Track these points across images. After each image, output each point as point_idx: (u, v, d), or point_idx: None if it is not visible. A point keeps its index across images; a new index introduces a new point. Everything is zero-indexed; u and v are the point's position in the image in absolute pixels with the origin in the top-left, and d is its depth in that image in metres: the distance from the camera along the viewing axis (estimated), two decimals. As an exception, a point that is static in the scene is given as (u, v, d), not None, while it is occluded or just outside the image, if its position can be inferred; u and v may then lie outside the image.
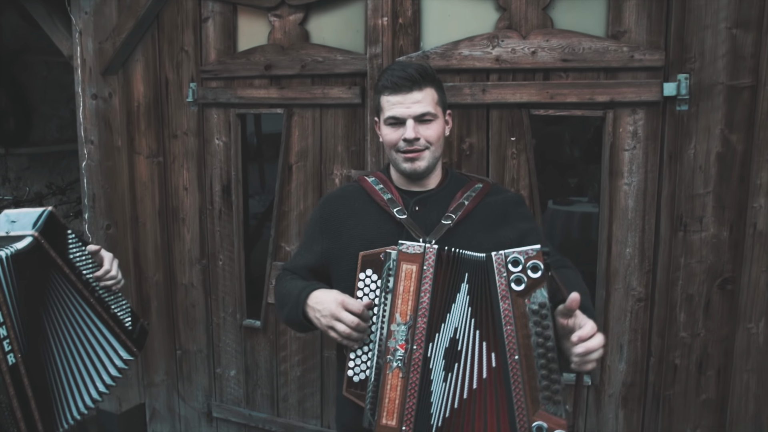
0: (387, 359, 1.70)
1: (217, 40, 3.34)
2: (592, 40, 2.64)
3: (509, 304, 1.64)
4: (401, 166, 1.99)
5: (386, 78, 1.97)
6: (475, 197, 2.02)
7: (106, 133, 3.58)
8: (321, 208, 2.13)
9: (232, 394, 3.62)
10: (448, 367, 1.70)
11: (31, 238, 1.92)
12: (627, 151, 2.68)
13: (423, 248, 1.70)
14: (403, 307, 1.69)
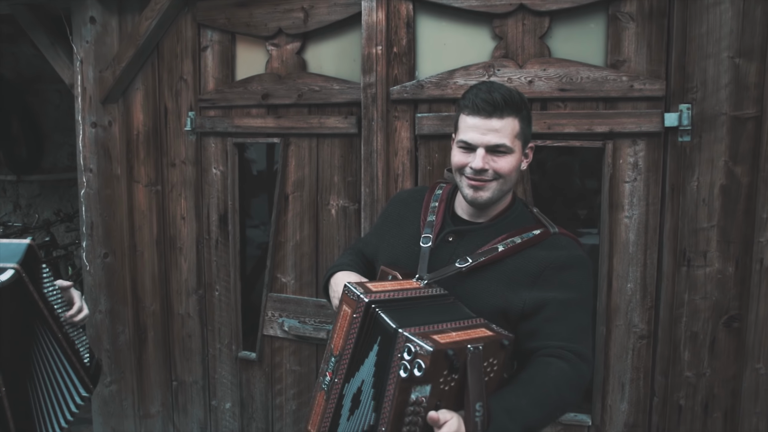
0: (320, 378, 1.76)
1: (216, 68, 3.33)
2: (590, 70, 2.58)
3: (394, 386, 1.54)
4: (464, 192, 1.85)
5: (469, 97, 1.82)
6: (516, 246, 1.82)
7: (105, 162, 3.56)
8: (389, 205, 2.21)
9: (227, 427, 3.55)
10: (352, 411, 1.68)
11: (13, 270, 1.89)
12: (627, 183, 2.60)
13: (358, 296, 1.69)
14: (337, 341, 1.73)
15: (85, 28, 3.46)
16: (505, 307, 1.78)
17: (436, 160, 2.77)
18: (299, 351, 3.27)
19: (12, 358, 1.87)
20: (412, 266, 1.87)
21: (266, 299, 3.29)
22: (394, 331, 1.58)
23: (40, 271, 2.02)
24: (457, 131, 1.88)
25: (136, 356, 3.70)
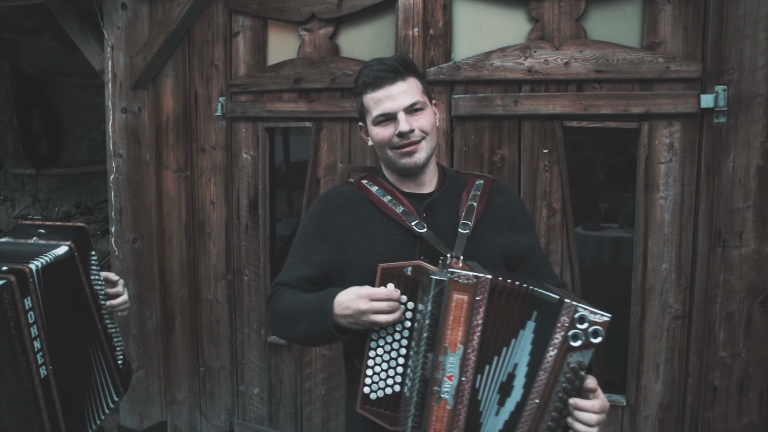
0: (433, 390, 1.61)
1: (247, 54, 3.35)
2: (626, 51, 2.60)
3: (555, 354, 1.59)
4: (399, 163, 1.88)
5: (365, 75, 1.87)
6: (480, 197, 1.93)
7: (134, 147, 3.58)
8: (318, 216, 1.97)
9: (255, 412, 3.56)
10: (501, 402, 1.64)
11: (67, 247, 1.87)
12: (663, 164, 2.61)
13: (476, 279, 1.58)
14: (452, 338, 1.59)
15: (116, 14, 3.48)
16: (506, 255, 1.88)
17: (471, 141, 2.79)
18: (329, 335, 3.28)
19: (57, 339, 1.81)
20: (405, 254, 1.82)
21: (296, 283, 3.30)
22: (558, 302, 1.59)
23: (89, 256, 1.98)
24: (367, 114, 1.90)
25: (163, 342, 3.72)
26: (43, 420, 1.77)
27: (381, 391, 1.77)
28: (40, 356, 1.75)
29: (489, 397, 1.64)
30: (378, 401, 1.77)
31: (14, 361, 1.68)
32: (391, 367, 1.76)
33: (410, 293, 1.74)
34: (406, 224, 1.84)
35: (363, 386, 1.78)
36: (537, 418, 1.61)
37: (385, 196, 1.91)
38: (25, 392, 1.71)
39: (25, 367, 1.71)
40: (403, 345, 1.74)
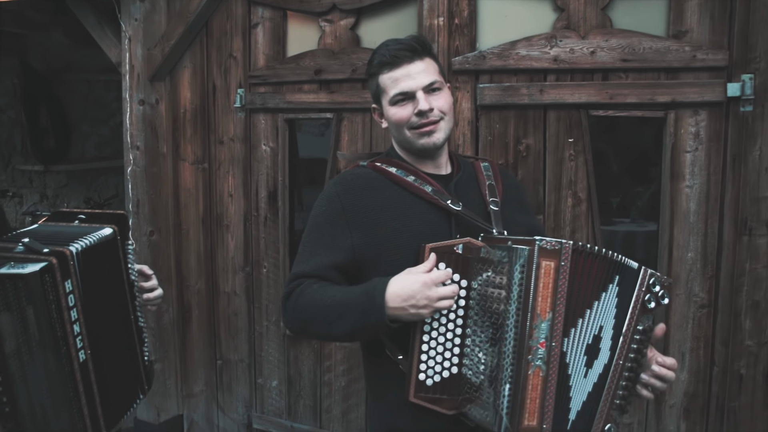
0: (528, 359, 1.60)
1: (267, 45, 3.35)
2: (652, 40, 2.60)
3: (632, 318, 1.71)
4: (417, 144, 1.85)
5: (381, 54, 1.85)
6: (495, 178, 1.97)
7: (152, 139, 3.58)
8: (341, 199, 1.85)
9: (273, 405, 3.55)
10: (589, 364, 1.69)
11: (111, 229, 1.86)
12: (689, 153, 2.61)
13: (560, 244, 1.60)
14: (542, 305, 1.60)
15: (133, 6, 3.48)
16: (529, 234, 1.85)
17: (496, 131, 2.79)
18: (349, 326, 3.27)
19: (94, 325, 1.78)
20: (443, 233, 1.80)
21: (316, 275, 3.29)
22: (638, 268, 1.73)
23: (127, 245, 1.97)
24: (383, 94, 1.88)
25: (179, 335, 3.71)
26: (81, 404, 1.76)
27: (438, 376, 1.74)
28: (79, 340, 1.74)
29: (576, 360, 1.67)
30: (434, 387, 1.74)
31: (54, 344, 1.66)
32: (447, 349, 1.74)
33: (462, 271, 1.73)
34: (440, 203, 1.82)
35: (417, 373, 1.74)
36: (619, 378, 1.71)
37: (409, 176, 1.87)
38: (64, 376, 1.70)
39: (65, 351, 1.70)
40: (458, 325, 1.73)
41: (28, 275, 1.59)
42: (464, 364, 1.74)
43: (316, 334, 1.91)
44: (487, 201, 1.89)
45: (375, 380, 1.96)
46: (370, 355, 1.94)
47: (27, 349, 1.65)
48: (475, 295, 1.72)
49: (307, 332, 1.90)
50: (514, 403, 1.60)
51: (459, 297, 1.73)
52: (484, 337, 1.69)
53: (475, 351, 1.72)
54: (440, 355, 1.74)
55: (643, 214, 4.52)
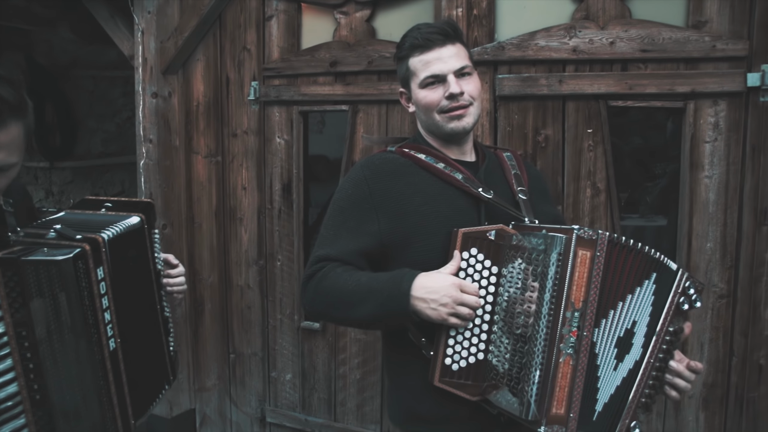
0: (559, 347, 1.60)
1: (281, 38, 3.34)
2: (672, 30, 2.60)
3: (667, 318, 1.73)
4: (447, 128, 1.85)
5: (413, 37, 1.85)
6: (520, 167, 1.99)
7: (164, 133, 3.57)
8: (368, 183, 1.84)
9: (287, 398, 3.54)
10: (619, 357, 1.69)
11: (138, 218, 1.85)
12: (708, 143, 2.61)
13: (597, 235, 1.61)
14: (576, 294, 1.61)
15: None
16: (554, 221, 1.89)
17: (515, 122, 2.79)
18: (365, 319, 3.26)
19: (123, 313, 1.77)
20: (472, 219, 1.81)
21: (331, 267, 3.29)
22: (677, 270, 1.75)
23: (153, 233, 1.95)
24: (413, 77, 1.88)
25: (192, 329, 3.70)
26: (111, 393, 1.75)
27: (464, 361, 1.75)
28: (109, 328, 1.73)
29: (606, 352, 1.68)
30: (459, 372, 1.75)
31: (86, 331, 1.65)
32: (474, 335, 1.74)
33: (493, 258, 1.73)
34: (471, 191, 1.82)
35: (443, 358, 1.75)
36: (647, 376, 1.72)
37: (438, 162, 1.87)
38: (95, 364, 1.69)
39: (96, 339, 1.69)
40: (486, 311, 1.73)
41: (62, 261, 1.58)
42: (490, 351, 1.74)
43: (337, 318, 1.88)
44: (514, 190, 1.90)
45: (396, 366, 1.96)
46: (392, 341, 1.95)
47: (58, 336, 1.64)
48: (504, 283, 1.72)
49: (327, 316, 1.88)
50: (543, 391, 1.60)
51: (489, 284, 1.73)
52: (513, 324, 1.69)
53: (502, 338, 1.72)
54: (467, 340, 1.74)
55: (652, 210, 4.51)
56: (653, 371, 1.72)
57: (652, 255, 1.71)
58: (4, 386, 1.63)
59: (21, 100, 1.51)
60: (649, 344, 1.71)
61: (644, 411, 1.74)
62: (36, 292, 1.60)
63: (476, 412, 1.79)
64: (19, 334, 1.63)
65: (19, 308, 1.61)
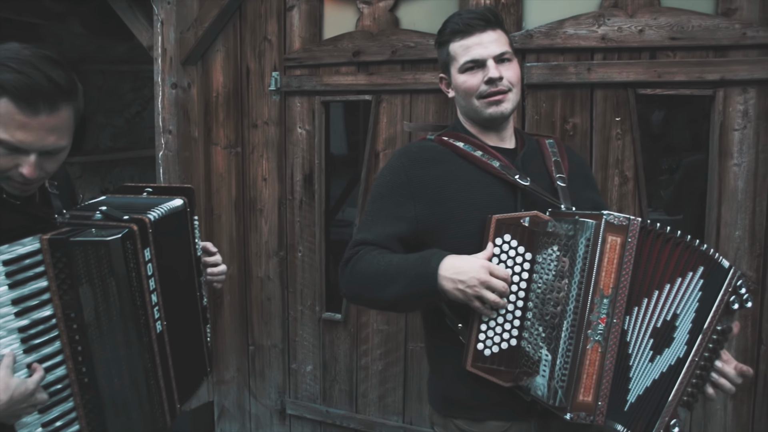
0: (587, 333, 1.59)
1: (302, 28, 3.33)
2: (701, 18, 2.59)
3: (715, 316, 1.69)
4: (485, 113, 1.87)
5: (454, 23, 1.87)
6: (561, 154, 1.98)
7: (184, 124, 3.55)
8: (406, 170, 1.89)
9: (307, 390, 3.53)
10: (656, 349, 1.67)
11: (181, 200, 1.84)
12: (737, 131, 2.61)
13: (628, 220, 1.59)
14: (606, 280, 1.59)
15: (166, -11, 3.46)
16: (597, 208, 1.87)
17: (543, 110, 2.78)
18: (387, 310, 3.26)
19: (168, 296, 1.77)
20: (508, 206, 1.82)
21: (354, 258, 3.28)
22: (728, 267, 1.71)
23: (193, 219, 1.94)
24: (453, 62, 1.90)
25: (210, 321, 3.66)
26: (158, 376, 1.74)
27: (496, 347, 1.76)
28: (156, 310, 1.72)
29: (639, 341, 1.66)
30: (492, 357, 1.76)
31: (134, 313, 1.65)
32: (507, 321, 1.75)
33: (527, 244, 1.74)
34: (507, 178, 1.83)
35: (475, 343, 1.76)
36: (691, 375, 1.68)
37: (476, 150, 1.89)
38: (142, 346, 1.69)
39: (144, 321, 1.68)
40: (520, 298, 1.74)
41: (111, 242, 1.58)
42: (523, 337, 1.74)
43: (371, 299, 1.89)
44: (553, 177, 1.90)
45: (434, 351, 1.99)
46: (431, 326, 1.97)
47: (107, 317, 1.63)
48: (538, 269, 1.72)
49: (362, 298, 1.92)
50: (570, 377, 1.61)
51: (523, 270, 1.74)
52: (546, 311, 1.69)
53: (535, 325, 1.72)
54: (500, 326, 1.76)
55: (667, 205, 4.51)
56: (698, 369, 1.69)
57: (698, 247, 1.68)
58: (52, 369, 1.63)
59: (72, 83, 1.50)
60: (694, 341, 1.68)
61: (686, 409, 1.71)
62: (84, 273, 1.59)
63: (510, 399, 1.80)
64: (67, 317, 1.62)
65: (68, 290, 1.61)
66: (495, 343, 1.76)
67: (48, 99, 1.44)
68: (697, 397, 1.72)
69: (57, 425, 1.66)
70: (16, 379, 1.52)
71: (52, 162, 1.56)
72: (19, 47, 1.46)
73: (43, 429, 1.64)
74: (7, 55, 1.43)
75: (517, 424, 1.83)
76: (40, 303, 1.58)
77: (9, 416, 1.53)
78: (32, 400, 1.55)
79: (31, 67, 1.42)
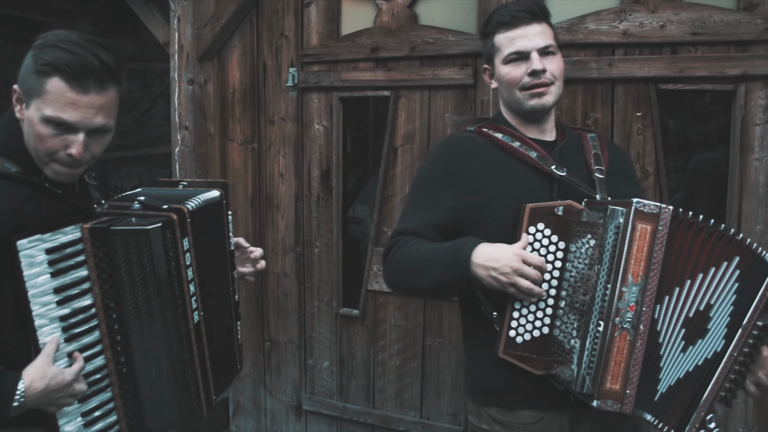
0: (615, 321, 1.60)
1: (320, 24, 3.33)
2: (723, 13, 2.61)
3: (756, 311, 1.66)
4: (527, 105, 1.88)
5: (501, 15, 1.89)
6: (602, 147, 1.97)
7: (200, 120, 3.56)
8: (444, 160, 1.93)
9: (324, 386, 3.54)
10: (689, 339, 1.66)
11: (218, 192, 1.84)
12: (758, 126, 2.63)
13: (659, 208, 1.60)
14: (635, 268, 1.60)
15: (183, -15, 3.46)
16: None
17: (564, 105, 2.79)
18: (405, 305, 3.26)
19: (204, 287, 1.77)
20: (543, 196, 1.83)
21: (371, 254, 3.29)
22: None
23: (228, 212, 1.94)
24: (497, 54, 1.91)
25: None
26: (195, 366, 1.75)
27: (528, 335, 1.77)
28: (194, 300, 1.73)
29: (670, 330, 1.65)
30: (524, 344, 1.77)
31: (173, 302, 1.66)
32: (540, 309, 1.76)
33: (561, 233, 1.75)
34: (544, 168, 1.85)
35: (507, 330, 1.77)
36: (729, 370, 1.65)
37: (514, 141, 1.90)
38: (180, 336, 1.69)
39: (182, 311, 1.69)
40: (553, 286, 1.75)
41: (151, 230, 1.58)
42: (556, 326, 1.75)
43: (409, 287, 1.95)
44: (591, 168, 1.90)
45: (469, 339, 2.02)
46: (467, 314, 2.00)
47: (146, 307, 1.64)
48: (572, 258, 1.73)
49: (402, 285, 1.96)
50: (598, 365, 1.61)
51: (556, 259, 1.76)
52: (579, 301, 1.70)
53: (568, 314, 1.72)
54: (532, 314, 1.77)
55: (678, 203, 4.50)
56: (737, 365, 1.66)
57: (732, 237, 1.67)
58: (92, 359, 1.64)
59: (118, 66, 1.52)
60: (733, 336, 1.65)
61: (724, 405, 1.69)
62: (124, 262, 1.60)
63: (542, 388, 1.81)
64: (107, 306, 1.63)
65: (107, 279, 1.61)
66: (527, 331, 1.77)
67: (97, 78, 1.48)
68: (735, 393, 1.69)
69: (95, 415, 1.67)
70: (54, 369, 1.52)
71: (97, 144, 1.58)
72: (68, 32, 1.51)
73: (82, 418, 1.64)
74: (57, 38, 1.48)
75: (550, 414, 1.83)
76: (81, 292, 1.59)
77: (46, 404, 1.54)
78: (70, 390, 1.56)
79: (81, 48, 1.47)
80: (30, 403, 1.48)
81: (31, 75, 1.48)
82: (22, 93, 1.52)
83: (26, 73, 1.50)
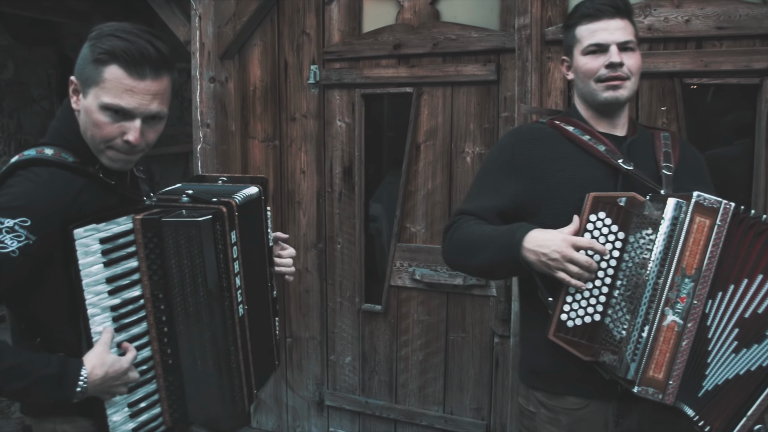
0: (664, 311, 1.62)
1: (342, 21, 3.35)
2: (749, 7, 2.62)
3: None
4: (601, 96, 1.90)
5: (585, 7, 1.92)
6: (673, 146, 1.98)
7: (221, 117, 3.57)
8: (512, 148, 1.98)
9: (346, 381, 3.55)
10: (743, 340, 1.65)
11: (257, 188, 1.86)
12: (783, 120, 2.64)
13: (719, 203, 1.61)
14: (689, 260, 1.61)
15: (204, -16, 3.48)
16: None
17: (589, 100, 2.81)
18: (428, 300, 3.28)
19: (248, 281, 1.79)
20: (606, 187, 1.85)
21: (394, 249, 3.30)
22: None
23: (266, 208, 1.97)
24: (576, 45, 1.93)
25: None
26: (239, 359, 1.76)
27: (579, 320, 1.78)
28: (239, 293, 1.74)
29: (721, 328, 1.66)
30: (574, 329, 1.78)
31: (220, 294, 1.67)
32: (593, 295, 1.77)
33: (621, 224, 1.76)
34: (611, 161, 1.87)
35: (560, 313, 1.79)
36: None
37: (584, 135, 1.94)
38: (225, 329, 1.71)
39: (228, 304, 1.70)
40: (609, 275, 1.76)
41: (202, 222, 1.60)
42: (608, 314, 1.76)
43: (464, 265, 2.03)
44: (660, 165, 1.91)
45: (525, 320, 2.09)
46: (524, 296, 2.07)
47: (193, 298, 1.65)
48: (630, 250, 1.74)
49: (457, 263, 2.03)
50: (643, 352, 1.63)
51: (614, 248, 1.76)
52: (633, 291, 1.71)
53: (621, 304, 1.74)
54: (585, 300, 1.78)
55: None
56: None
57: None
58: (139, 350, 1.65)
59: (171, 55, 1.55)
60: None
61: None
62: (174, 253, 1.62)
63: (589, 376, 1.82)
64: (155, 297, 1.64)
65: (157, 270, 1.63)
66: (579, 316, 1.79)
67: (153, 65, 1.51)
68: None
69: (141, 406, 1.68)
70: (112, 356, 1.54)
71: (152, 131, 1.60)
72: (122, 23, 1.53)
73: (129, 409, 1.66)
74: (113, 27, 1.51)
75: (596, 402, 1.85)
76: (131, 283, 1.61)
77: (102, 392, 1.56)
78: (125, 378, 1.58)
79: (137, 36, 1.50)
80: (90, 390, 1.50)
81: (89, 65, 1.50)
82: (79, 83, 1.54)
83: (83, 63, 1.52)
